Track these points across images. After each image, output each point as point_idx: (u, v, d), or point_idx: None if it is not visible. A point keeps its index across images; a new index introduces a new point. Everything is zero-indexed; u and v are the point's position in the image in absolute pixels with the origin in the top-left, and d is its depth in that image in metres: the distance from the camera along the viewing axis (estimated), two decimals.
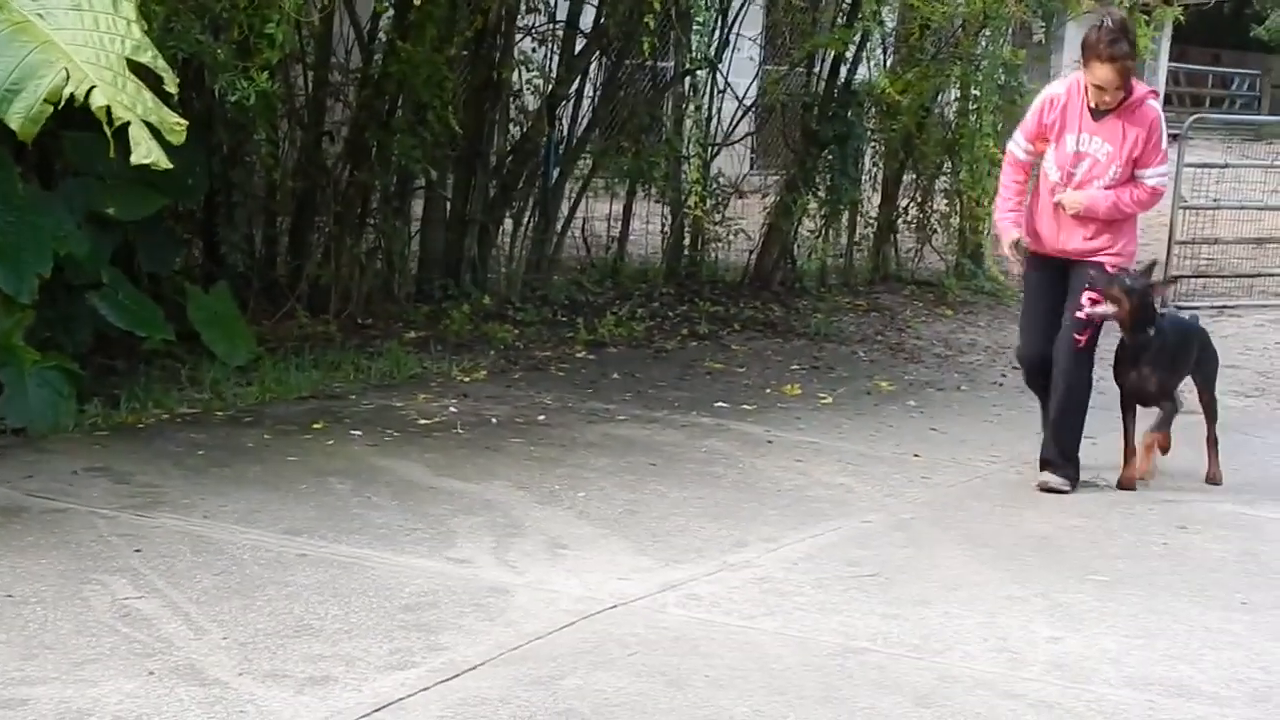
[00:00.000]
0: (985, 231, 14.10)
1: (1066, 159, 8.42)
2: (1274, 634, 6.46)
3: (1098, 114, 8.37)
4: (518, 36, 12.50)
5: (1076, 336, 8.44)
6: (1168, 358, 8.66)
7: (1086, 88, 8.35)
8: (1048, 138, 8.51)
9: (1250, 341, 13.81)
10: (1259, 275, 16.51)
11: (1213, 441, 8.97)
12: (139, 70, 7.12)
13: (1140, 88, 8.43)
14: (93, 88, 6.71)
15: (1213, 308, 14.99)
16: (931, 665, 5.86)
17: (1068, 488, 8.49)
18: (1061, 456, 8.56)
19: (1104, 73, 8.18)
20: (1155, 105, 8.46)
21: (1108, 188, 8.38)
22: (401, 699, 5.29)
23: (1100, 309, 8.38)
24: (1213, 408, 9.04)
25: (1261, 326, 14.69)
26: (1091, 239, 8.45)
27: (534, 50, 12.68)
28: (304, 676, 5.37)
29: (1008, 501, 8.27)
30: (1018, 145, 8.71)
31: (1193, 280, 15.78)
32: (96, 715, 5.03)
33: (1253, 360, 12.90)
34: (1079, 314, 8.40)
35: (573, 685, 5.46)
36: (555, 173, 13.09)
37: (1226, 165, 17.02)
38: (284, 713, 5.14)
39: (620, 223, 14.02)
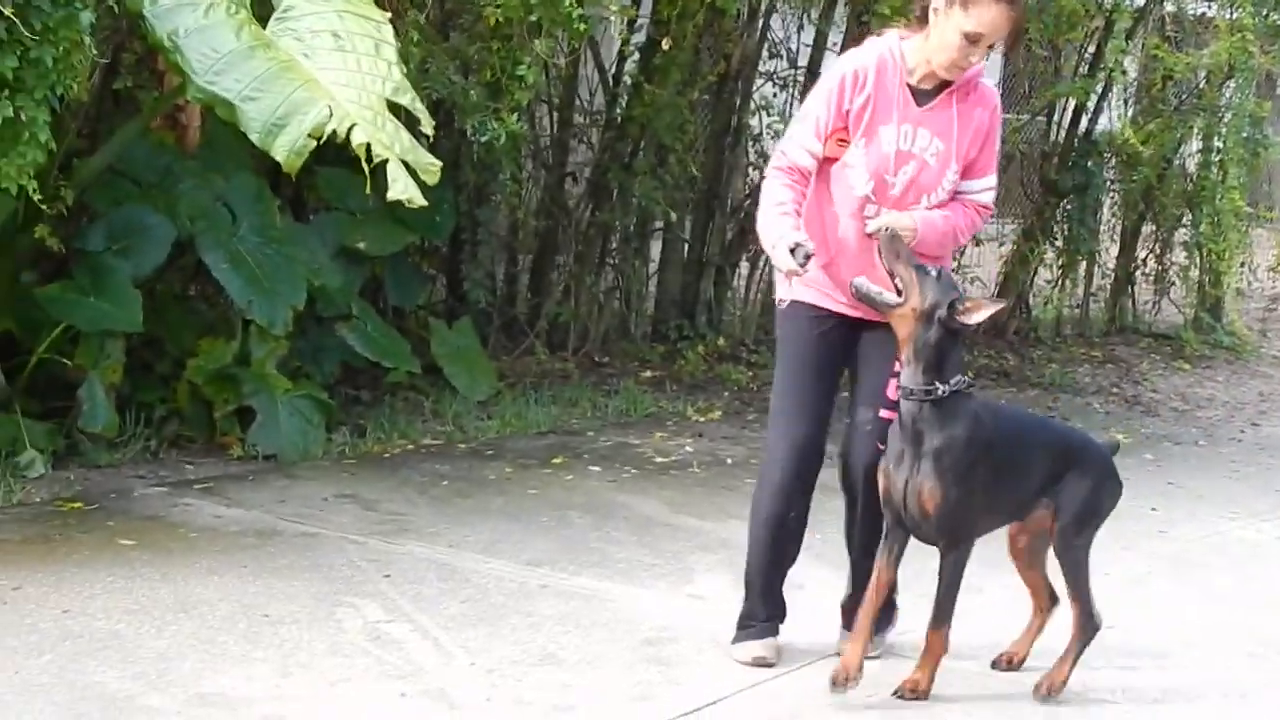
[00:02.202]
0: (1226, 285, 13.90)
1: (885, 162, 5.68)
2: None
3: (923, 96, 5.74)
4: (759, 82, 12.60)
5: (881, 446, 5.83)
6: (969, 457, 5.53)
7: (901, 57, 5.71)
8: (848, 134, 5.73)
9: None
10: None
11: (1079, 635, 6.03)
12: (395, 110, 7.33)
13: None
14: (353, 125, 6.91)
15: None
16: None
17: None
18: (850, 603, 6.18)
19: (994, 15, 5.51)
20: (993, 88, 5.90)
21: (935, 206, 5.78)
22: None
23: (873, 291, 5.51)
24: (1084, 606, 6.02)
25: None
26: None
27: (775, 95, 12.76)
28: (549, 704, 5.47)
29: (1247, 559, 8.15)
30: (799, 146, 5.75)
31: None
32: None
33: None
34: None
35: None
36: None
37: None
38: None
39: None
